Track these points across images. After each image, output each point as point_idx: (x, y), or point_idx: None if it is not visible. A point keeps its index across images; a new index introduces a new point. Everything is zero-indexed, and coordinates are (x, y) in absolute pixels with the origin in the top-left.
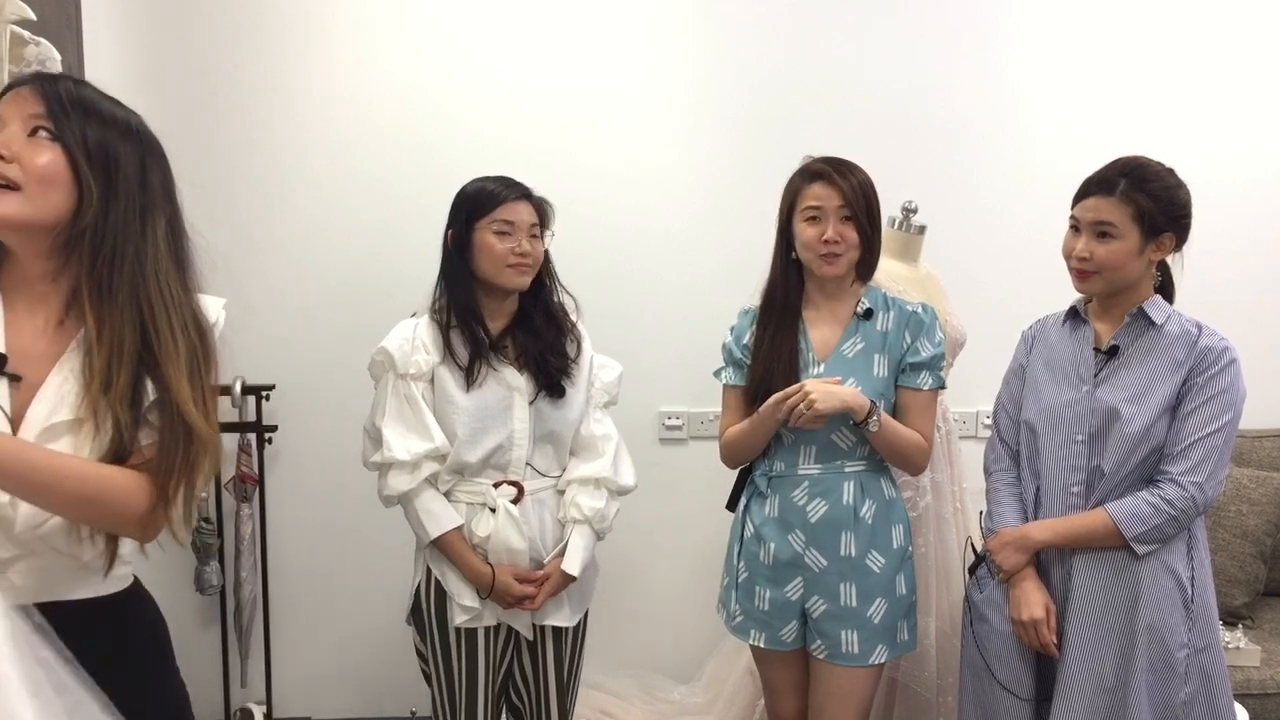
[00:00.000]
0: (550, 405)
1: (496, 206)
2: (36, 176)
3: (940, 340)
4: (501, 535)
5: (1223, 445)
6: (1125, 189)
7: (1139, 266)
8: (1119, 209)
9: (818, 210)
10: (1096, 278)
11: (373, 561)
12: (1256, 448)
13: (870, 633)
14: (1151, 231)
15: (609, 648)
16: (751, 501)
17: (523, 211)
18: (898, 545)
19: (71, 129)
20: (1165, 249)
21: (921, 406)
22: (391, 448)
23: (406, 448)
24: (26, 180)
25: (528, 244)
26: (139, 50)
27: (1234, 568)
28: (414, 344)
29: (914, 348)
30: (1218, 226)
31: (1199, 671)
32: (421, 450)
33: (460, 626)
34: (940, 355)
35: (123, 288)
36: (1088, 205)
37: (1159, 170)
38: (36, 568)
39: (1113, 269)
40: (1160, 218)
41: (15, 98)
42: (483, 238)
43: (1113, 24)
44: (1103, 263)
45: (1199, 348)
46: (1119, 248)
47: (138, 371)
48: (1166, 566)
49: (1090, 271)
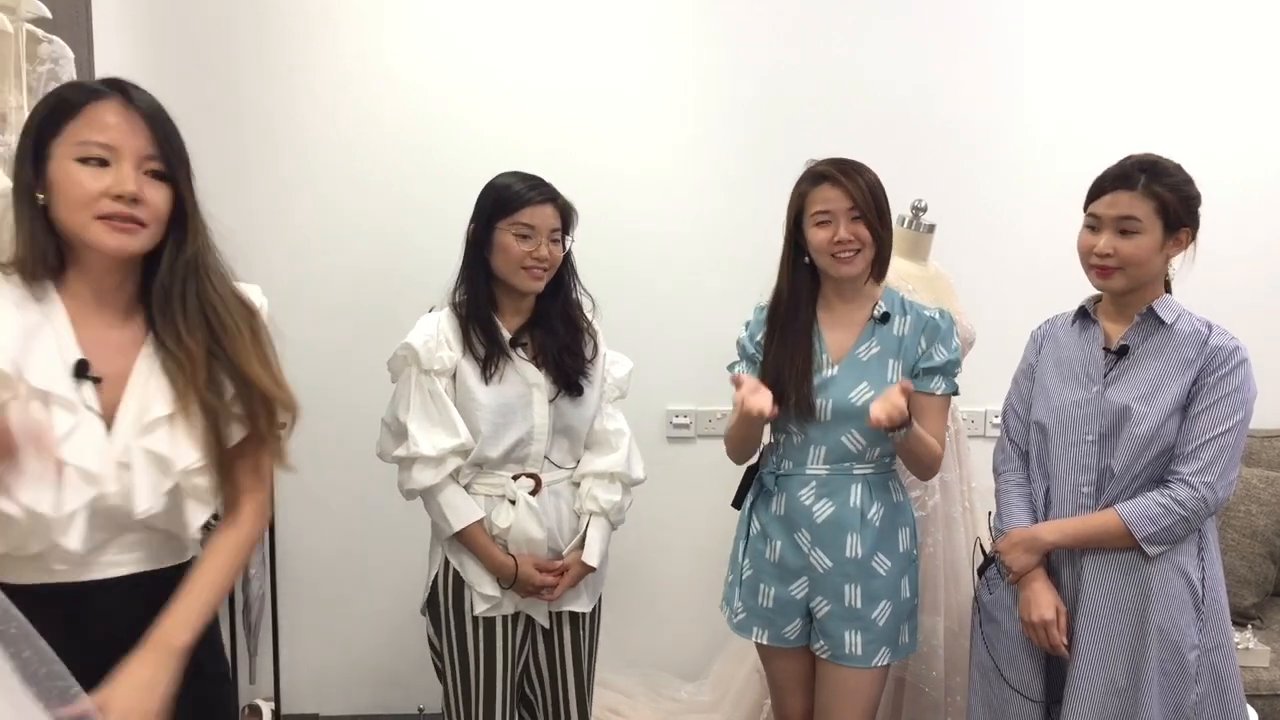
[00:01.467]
0: (568, 402)
1: (520, 209)
2: (154, 215)
3: (957, 347)
4: (521, 526)
5: (1233, 445)
6: (1145, 183)
7: (1159, 262)
8: (1142, 203)
9: (827, 214)
10: (1119, 274)
11: (381, 558)
12: (1266, 448)
13: (874, 635)
14: (1171, 226)
15: (616, 646)
16: (758, 499)
17: (546, 215)
18: (904, 549)
19: (179, 170)
20: (1182, 244)
21: (935, 411)
22: (418, 442)
23: (432, 443)
24: (149, 219)
25: (546, 249)
26: (147, 48)
27: (1243, 568)
28: (438, 339)
29: (929, 353)
30: (1225, 226)
31: (1210, 672)
32: (448, 446)
33: (480, 616)
34: (955, 361)
35: (190, 291)
36: (1108, 201)
37: (1170, 166)
38: (142, 542)
39: (1137, 264)
40: (1181, 211)
41: (127, 128)
42: (502, 238)
43: (1117, 24)
44: (1128, 258)
45: (1209, 347)
46: (1144, 243)
47: (211, 361)
48: (1177, 567)
49: (1113, 268)
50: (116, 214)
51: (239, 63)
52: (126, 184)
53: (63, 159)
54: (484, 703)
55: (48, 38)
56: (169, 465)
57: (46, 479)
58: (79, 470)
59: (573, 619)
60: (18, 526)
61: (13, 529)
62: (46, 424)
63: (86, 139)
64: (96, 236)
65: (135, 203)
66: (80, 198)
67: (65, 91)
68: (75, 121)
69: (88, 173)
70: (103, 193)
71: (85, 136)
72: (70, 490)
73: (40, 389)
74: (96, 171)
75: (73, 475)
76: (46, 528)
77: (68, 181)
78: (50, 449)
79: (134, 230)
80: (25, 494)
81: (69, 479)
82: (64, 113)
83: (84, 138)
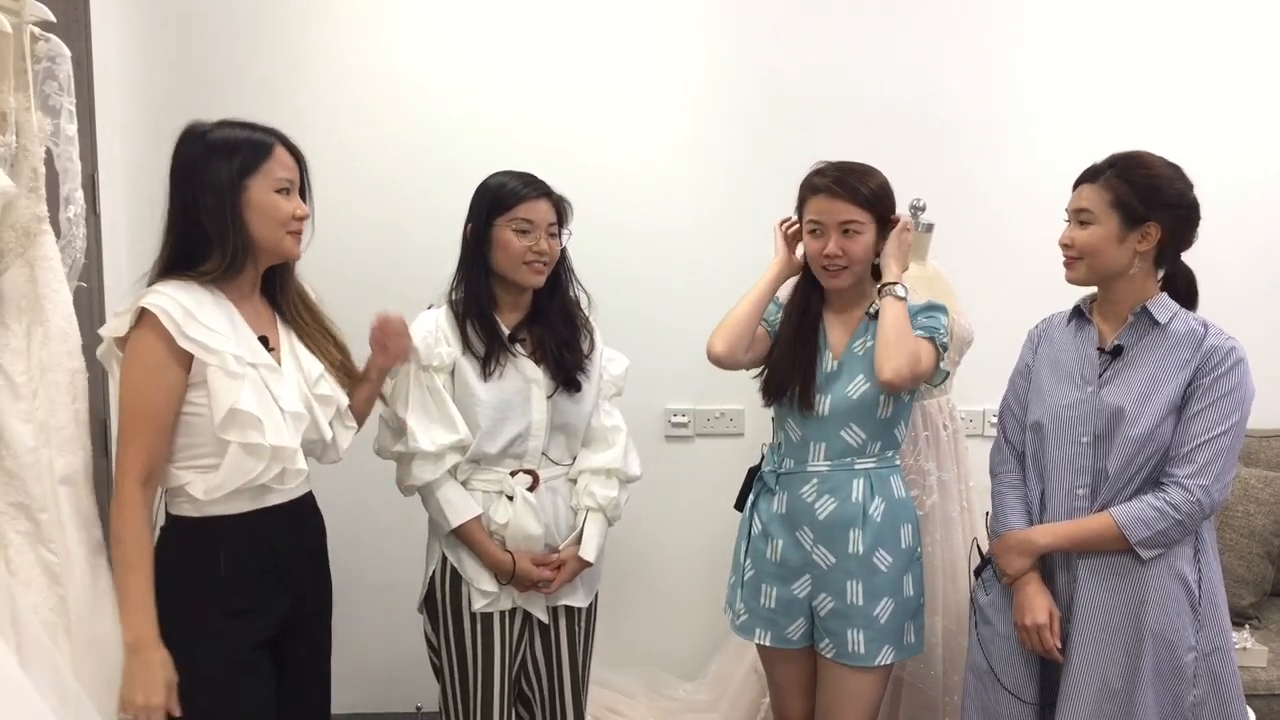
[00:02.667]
0: (566, 398)
1: (517, 204)
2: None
3: (944, 324)
4: (519, 522)
5: (1230, 447)
6: (1109, 176)
7: (1120, 255)
8: (1098, 195)
9: (818, 224)
10: (1079, 264)
11: (377, 557)
12: (1265, 448)
13: (877, 633)
14: (1130, 219)
15: (615, 644)
16: (759, 498)
17: (542, 210)
18: (906, 545)
19: (309, 189)
20: (1150, 239)
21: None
22: (416, 438)
23: (431, 439)
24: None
25: (545, 243)
26: (145, 47)
27: (1241, 568)
28: (437, 336)
29: (914, 321)
30: (1224, 226)
31: (1208, 674)
32: (447, 442)
33: (478, 612)
34: (941, 327)
35: (289, 284)
36: (1074, 195)
37: (1150, 160)
38: (302, 472)
39: (1091, 254)
40: (1138, 204)
41: (291, 160)
42: (502, 234)
43: (1116, 23)
44: (1082, 248)
45: (1205, 347)
46: (1098, 233)
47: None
48: (1173, 570)
49: (1074, 258)
50: (298, 229)
51: (237, 64)
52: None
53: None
54: (481, 699)
55: (44, 36)
56: (335, 403)
57: (276, 421)
58: (292, 414)
59: (569, 614)
60: (265, 456)
61: (259, 459)
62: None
63: (282, 175)
64: (289, 246)
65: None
66: (280, 217)
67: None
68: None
69: (283, 199)
70: (292, 214)
71: (280, 174)
72: (293, 427)
73: (250, 361)
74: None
75: (291, 418)
76: (284, 457)
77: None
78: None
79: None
80: (272, 434)
81: (289, 420)
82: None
83: (279, 174)
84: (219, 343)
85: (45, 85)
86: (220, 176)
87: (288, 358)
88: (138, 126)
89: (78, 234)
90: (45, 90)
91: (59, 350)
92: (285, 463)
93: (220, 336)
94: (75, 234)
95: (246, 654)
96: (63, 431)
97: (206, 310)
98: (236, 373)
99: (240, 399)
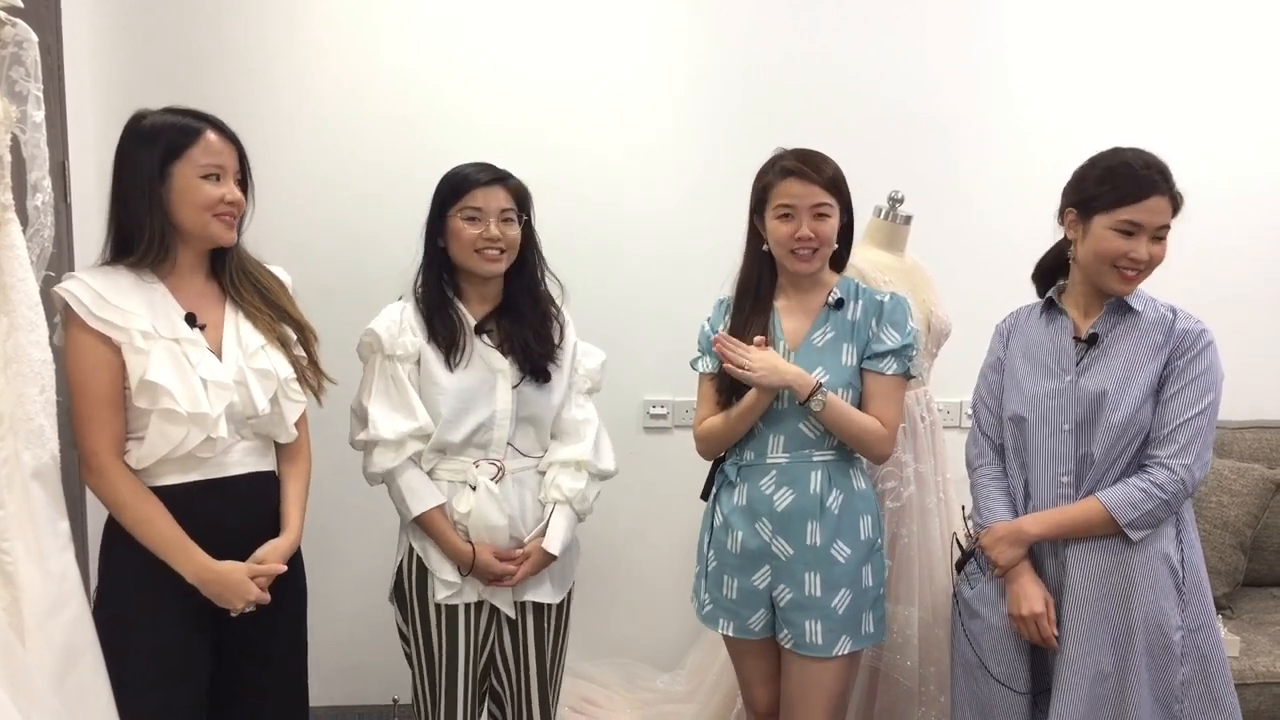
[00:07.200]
0: (533, 388)
1: (466, 193)
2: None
3: (911, 330)
4: (481, 512)
5: (1207, 426)
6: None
7: None
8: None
9: (790, 208)
10: (1141, 276)
11: (353, 549)
12: (1237, 439)
13: (835, 623)
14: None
15: (592, 636)
16: (721, 491)
17: (492, 197)
18: (865, 536)
19: (249, 175)
20: (1070, 224)
21: (885, 392)
22: (377, 426)
23: (392, 426)
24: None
25: (497, 229)
26: (119, 33)
27: (1214, 558)
28: (401, 326)
29: (879, 335)
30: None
31: (1195, 652)
32: (406, 429)
33: (441, 603)
34: (909, 345)
35: (244, 263)
36: (1151, 207)
37: (1100, 156)
38: (254, 448)
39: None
40: (1066, 193)
41: (222, 146)
42: (454, 224)
43: (1099, 17)
44: (1156, 262)
45: (1177, 331)
46: (1164, 249)
47: (269, 307)
48: (1158, 551)
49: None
50: (227, 214)
51: (216, 50)
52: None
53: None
54: (446, 691)
55: (11, 20)
56: (273, 375)
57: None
58: (215, 384)
59: (537, 610)
60: (183, 423)
61: (179, 426)
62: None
63: (207, 162)
64: (216, 231)
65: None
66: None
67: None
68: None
69: (209, 185)
70: (219, 199)
71: (205, 160)
72: (214, 395)
73: (169, 336)
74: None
75: (212, 387)
76: (203, 423)
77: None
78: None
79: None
80: (186, 402)
81: (211, 390)
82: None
83: (204, 161)
84: (127, 320)
85: (11, 70)
86: (142, 163)
87: (229, 333)
88: (111, 114)
89: (45, 222)
90: (11, 76)
91: (25, 340)
92: (208, 430)
93: (130, 315)
94: (43, 222)
95: (186, 626)
96: (30, 424)
97: (123, 292)
98: (141, 348)
99: (149, 370)
